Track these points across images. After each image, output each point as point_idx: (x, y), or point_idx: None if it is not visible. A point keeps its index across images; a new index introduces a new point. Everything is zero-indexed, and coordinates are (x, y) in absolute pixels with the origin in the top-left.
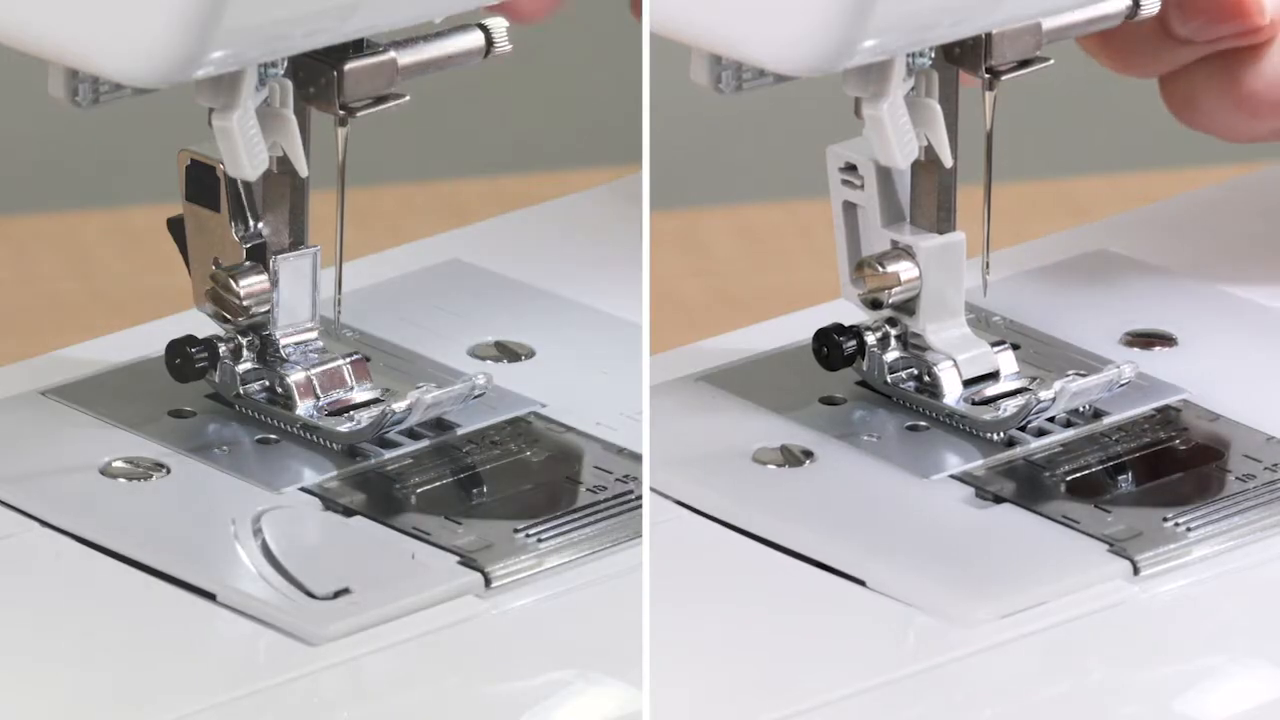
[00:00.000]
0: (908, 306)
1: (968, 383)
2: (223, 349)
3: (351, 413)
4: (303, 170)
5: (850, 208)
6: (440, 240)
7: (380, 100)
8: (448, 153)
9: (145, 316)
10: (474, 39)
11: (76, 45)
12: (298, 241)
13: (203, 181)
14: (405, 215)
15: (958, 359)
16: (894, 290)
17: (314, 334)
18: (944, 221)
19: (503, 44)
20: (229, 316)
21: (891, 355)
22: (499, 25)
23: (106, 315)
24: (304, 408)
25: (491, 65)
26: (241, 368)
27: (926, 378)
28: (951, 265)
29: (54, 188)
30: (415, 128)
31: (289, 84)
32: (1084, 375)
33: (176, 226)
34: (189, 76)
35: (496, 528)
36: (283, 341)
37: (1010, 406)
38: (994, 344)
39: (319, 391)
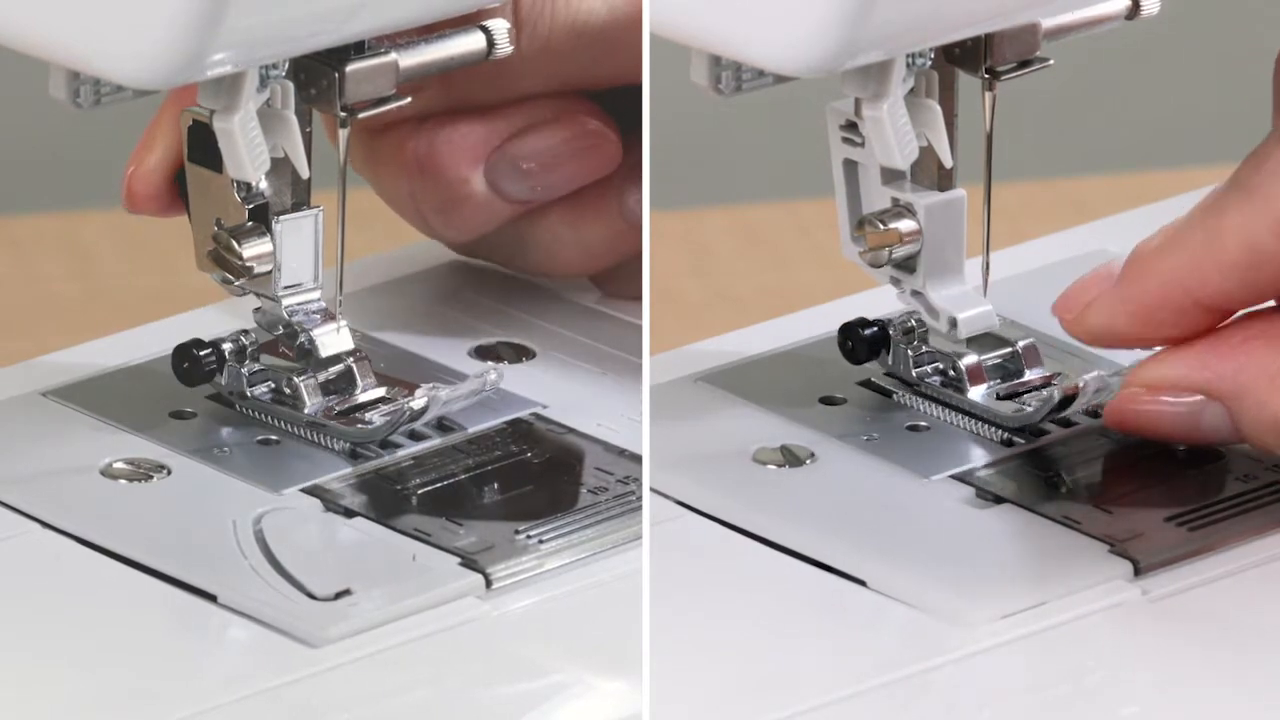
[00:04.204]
0: (909, 264)
1: (990, 374)
2: (227, 348)
3: (361, 413)
4: (304, 172)
5: (851, 165)
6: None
7: (381, 102)
8: None
9: (145, 317)
10: (474, 40)
11: (78, 47)
12: (300, 202)
13: (205, 142)
14: None
15: (958, 316)
16: (894, 247)
17: (316, 294)
18: (945, 179)
19: (503, 44)
20: (231, 277)
21: (917, 350)
22: (499, 26)
23: (106, 315)
24: (312, 407)
25: None
26: (247, 369)
27: (951, 372)
28: (952, 222)
29: (54, 188)
30: None
31: (290, 85)
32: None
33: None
34: (190, 79)
35: (497, 529)
36: (285, 303)
37: (1034, 401)
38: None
39: (328, 390)
